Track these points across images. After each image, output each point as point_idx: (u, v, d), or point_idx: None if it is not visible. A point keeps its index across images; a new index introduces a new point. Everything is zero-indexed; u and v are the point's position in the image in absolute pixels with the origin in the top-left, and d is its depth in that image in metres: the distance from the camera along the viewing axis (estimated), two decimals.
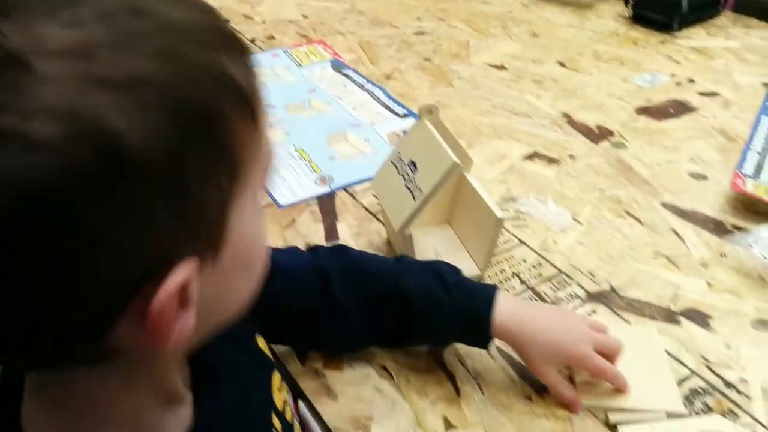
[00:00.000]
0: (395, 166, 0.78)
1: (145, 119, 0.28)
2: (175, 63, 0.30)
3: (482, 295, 0.64)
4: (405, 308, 0.64)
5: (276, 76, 1.25)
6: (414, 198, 0.72)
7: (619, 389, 0.63)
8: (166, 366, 0.40)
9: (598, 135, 1.08)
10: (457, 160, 0.70)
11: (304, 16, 1.49)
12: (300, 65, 1.28)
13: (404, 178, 0.75)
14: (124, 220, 0.29)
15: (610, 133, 1.09)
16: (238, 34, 0.36)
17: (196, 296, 0.33)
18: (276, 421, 0.51)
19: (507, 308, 0.63)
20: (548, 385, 0.64)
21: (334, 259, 0.67)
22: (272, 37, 1.39)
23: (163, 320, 0.32)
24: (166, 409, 0.41)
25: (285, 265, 0.64)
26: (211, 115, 0.31)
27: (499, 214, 0.74)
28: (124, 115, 0.28)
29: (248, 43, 0.40)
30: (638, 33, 1.45)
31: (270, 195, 0.92)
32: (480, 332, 0.63)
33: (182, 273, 0.31)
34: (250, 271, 0.39)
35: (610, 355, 0.64)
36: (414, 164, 0.75)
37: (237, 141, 0.33)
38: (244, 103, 0.33)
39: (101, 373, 0.35)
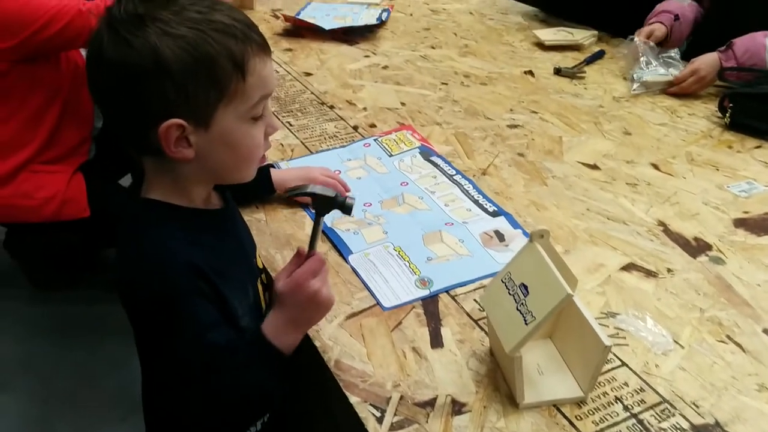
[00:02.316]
0: (505, 286, 0.81)
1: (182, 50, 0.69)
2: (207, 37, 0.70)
3: None
4: None
5: (369, 167, 1.30)
6: (526, 322, 0.75)
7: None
8: (191, 175, 0.76)
9: (695, 248, 1.09)
10: (570, 292, 0.73)
11: (402, 104, 1.56)
12: (390, 155, 1.33)
13: (515, 300, 0.79)
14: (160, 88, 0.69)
15: (708, 246, 1.10)
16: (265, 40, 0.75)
17: (194, 144, 0.72)
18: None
19: None
20: None
21: None
22: (373, 125, 1.46)
23: (168, 138, 0.71)
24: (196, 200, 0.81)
25: None
26: (212, 63, 0.70)
27: (606, 342, 0.76)
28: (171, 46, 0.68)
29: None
30: (732, 135, 1.46)
31: (374, 296, 0.97)
32: None
33: (177, 121, 0.70)
34: (233, 151, 0.75)
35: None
36: (525, 287, 0.78)
37: (225, 77, 0.70)
38: (236, 63, 0.71)
39: (167, 163, 0.74)
